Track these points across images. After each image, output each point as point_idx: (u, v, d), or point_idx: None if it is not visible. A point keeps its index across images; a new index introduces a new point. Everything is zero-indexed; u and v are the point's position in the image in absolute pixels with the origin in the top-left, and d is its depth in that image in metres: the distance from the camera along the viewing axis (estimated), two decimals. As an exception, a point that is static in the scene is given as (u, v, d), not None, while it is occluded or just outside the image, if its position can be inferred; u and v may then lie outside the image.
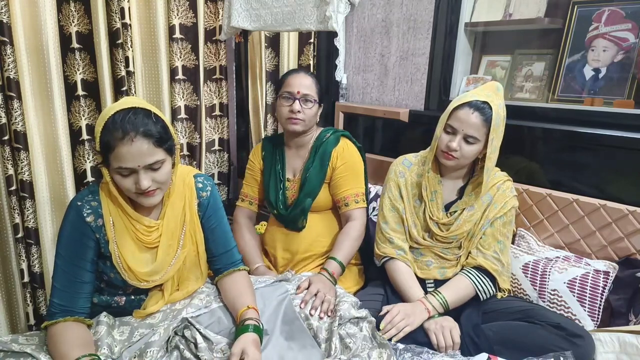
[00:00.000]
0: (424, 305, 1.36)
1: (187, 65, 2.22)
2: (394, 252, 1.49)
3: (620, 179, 1.54)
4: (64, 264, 1.17)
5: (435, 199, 1.46)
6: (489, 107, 1.33)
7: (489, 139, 1.34)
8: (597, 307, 1.44)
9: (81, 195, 1.21)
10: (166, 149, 1.14)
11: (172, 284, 1.29)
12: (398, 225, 1.51)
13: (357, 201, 1.65)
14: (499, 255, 1.42)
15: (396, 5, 2.04)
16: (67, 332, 1.13)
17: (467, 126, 1.34)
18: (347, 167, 1.65)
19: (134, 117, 1.09)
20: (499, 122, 1.34)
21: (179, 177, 1.28)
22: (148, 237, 1.22)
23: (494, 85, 1.40)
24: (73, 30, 1.83)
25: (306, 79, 1.62)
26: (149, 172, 1.12)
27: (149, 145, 1.09)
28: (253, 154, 1.83)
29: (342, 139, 1.69)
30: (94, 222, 1.18)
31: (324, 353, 1.22)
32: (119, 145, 1.07)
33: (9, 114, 1.65)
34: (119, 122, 1.08)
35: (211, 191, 1.33)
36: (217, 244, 1.34)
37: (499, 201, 1.43)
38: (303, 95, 1.60)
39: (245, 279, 1.35)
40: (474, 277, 1.41)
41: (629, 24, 1.58)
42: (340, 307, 1.32)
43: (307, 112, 1.61)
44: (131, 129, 1.07)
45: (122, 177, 1.12)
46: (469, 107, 1.34)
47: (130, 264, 1.19)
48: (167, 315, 1.24)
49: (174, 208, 1.26)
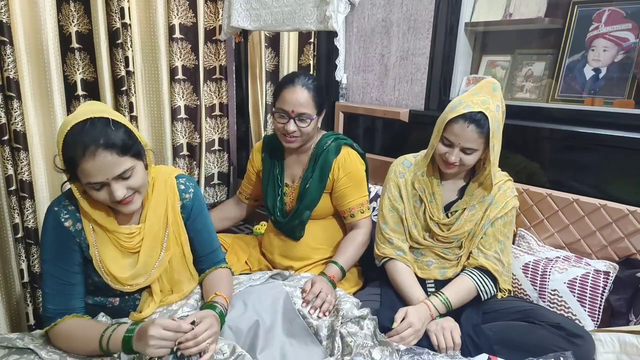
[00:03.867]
0: (429, 310, 1.35)
1: (187, 65, 2.22)
2: (394, 253, 1.49)
3: (620, 179, 1.54)
4: (51, 269, 1.16)
5: (434, 200, 1.46)
6: (484, 117, 1.29)
7: (490, 146, 1.32)
8: (597, 307, 1.44)
9: (58, 200, 1.18)
10: (133, 155, 1.10)
11: (161, 287, 1.27)
12: (397, 225, 1.51)
13: (362, 211, 1.63)
14: (499, 256, 1.42)
15: (396, 5, 2.04)
16: (74, 325, 1.14)
17: (463, 140, 1.31)
18: (350, 177, 1.61)
19: (92, 129, 1.03)
20: (497, 127, 1.32)
21: (160, 179, 1.26)
22: (129, 242, 1.20)
23: (489, 85, 1.35)
24: (73, 30, 1.82)
25: (302, 94, 1.50)
26: (120, 182, 1.08)
27: (112, 156, 1.04)
28: (254, 152, 1.81)
29: (343, 148, 1.63)
30: (73, 227, 1.16)
31: (325, 350, 1.22)
32: (82, 162, 1.03)
33: (9, 114, 1.65)
34: (77, 136, 1.02)
35: (194, 192, 1.31)
36: (202, 245, 1.34)
37: (499, 201, 1.43)
38: (298, 115, 1.51)
39: (225, 275, 1.34)
40: (476, 277, 1.41)
41: (629, 23, 1.58)
42: (343, 306, 1.33)
43: (304, 130, 1.53)
44: (90, 143, 1.02)
45: (95, 191, 1.08)
46: (464, 121, 1.30)
47: (112, 269, 1.17)
48: (163, 316, 1.23)
49: (155, 210, 1.23)
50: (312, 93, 1.53)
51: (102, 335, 1.08)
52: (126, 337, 1.06)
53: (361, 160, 1.66)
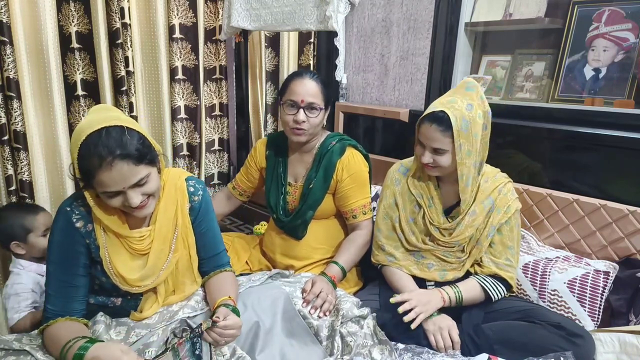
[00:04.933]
0: (441, 293, 1.37)
1: (187, 65, 2.22)
2: (386, 260, 1.51)
3: (620, 179, 1.54)
4: (56, 270, 1.16)
5: (433, 205, 1.45)
6: (446, 115, 1.28)
7: (456, 146, 1.30)
8: (597, 307, 1.44)
9: (69, 201, 1.18)
10: (148, 162, 1.10)
11: (166, 288, 1.28)
12: (391, 232, 1.51)
13: (364, 212, 1.63)
14: (511, 262, 1.42)
15: (396, 5, 2.04)
16: (62, 328, 1.13)
17: (430, 140, 1.32)
18: (354, 179, 1.60)
19: (107, 139, 1.03)
20: (465, 126, 1.29)
21: (170, 181, 1.26)
22: (140, 245, 1.20)
23: (463, 85, 1.34)
24: (73, 30, 1.83)
25: (311, 84, 1.54)
26: (136, 189, 1.09)
27: (129, 166, 1.04)
28: (257, 149, 1.79)
29: (348, 149, 1.62)
30: (84, 228, 1.16)
31: (325, 350, 1.22)
32: (99, 173, 1.02)
33: (9, 114, 1.65)
34: (92, 147, 1.02)
35: (202, 195, 1.31)
36: (206, 248, 1.34)
37: (501, 206, 1.41)
38: (308, 104, 1.52)
39: (231, 278, 1.34)
40: (489, 284, 1.41)
41: (629, 23, 1.58)
42: (343, 306, 1.33)
43: (312, 121, 1.54)
44: (107, 154, 1.02)
45: (109, 198, 1.08)
46: (428, 121, 1.31)
47: (121, 271, 1.18)
48: (163, 316, 1.23)
49: (165, 212, 1.24)
50: (320, 86, 1.56)
51: (63, 347, 1.06)
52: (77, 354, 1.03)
53: (365, 161, 1.66)
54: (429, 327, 1.33)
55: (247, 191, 1.83)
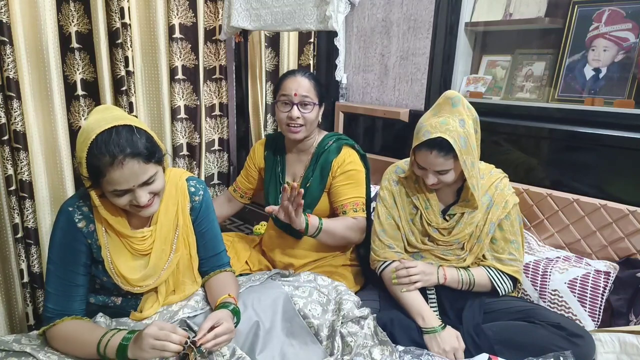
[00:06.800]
0: (444, 271, 1.40)
1: (186, 65, 2.22)
2: (395, 256, 1.48)
3: (620, 179, 1.54)
4: (56, 269, 1.16)
5: (430, 206, 1.45)
6: (445, 141, 1.27)
7: (461, 162, 1.30)
8: (598, 307, 1.44)
9: (72, 201, 1.19)
10: (156, 161, 1.11)
11: (166, 287, 1.28)
12: (395, 232, 1.50)
13: (355, 210, 1.60)
14: (515, 256, 1.41)
15: (396, 5, 2.04)
16: (72, 327, 1.13)
17: (431, 165, 1.32)
18: (347, 176, 1.60)
19: (118, 138, 1.04)
20: (464, 143, 1.29)
21: (171, 181, 1.27)
22: (141, 245, 1.21)
23: (448, 102, 1.31)
24: (73, 30, 1.83)
25: (303, 80, 1.56)
26: (144, 188, 1.10)
27: (139, 164, 1.06)
28: (255, 149, 1.80)
29: (344, 148, 1.63)
30: (86, 228, 1.17)
31: (325, 350, 1.22)
32: (110, 171, 1.04)
33: (9, 114, 1.65)
34: (103, 146, 1.03)
35: (203, 195, 1.32)
36: (207, 248, 1.34)
37: (499, 202, 1.41)
38: (301, 99, 1.54)
39: (231, 278, 1.34)
40: (495, 276, 1.41)
41: (630, 23, 1.58)
42: (344, 306, 1.32)
43: (307, 117, 1.56)
44: (118, 153, 1.03)
45: (117, 197, 1.10)
46: (426, 148, 1.30)
47: (123, 271, 1.18)
48: (163, 316, 1.23)
49: (167, 212, 1.25)
50: (313, 82, 1.59)
51: (100, 341, 1.08)
52: (122, 345, 1.05)
53: (360, 161, 1.66)
54: (432, 347, 1.31)
55: (247, 193, 1.84)
